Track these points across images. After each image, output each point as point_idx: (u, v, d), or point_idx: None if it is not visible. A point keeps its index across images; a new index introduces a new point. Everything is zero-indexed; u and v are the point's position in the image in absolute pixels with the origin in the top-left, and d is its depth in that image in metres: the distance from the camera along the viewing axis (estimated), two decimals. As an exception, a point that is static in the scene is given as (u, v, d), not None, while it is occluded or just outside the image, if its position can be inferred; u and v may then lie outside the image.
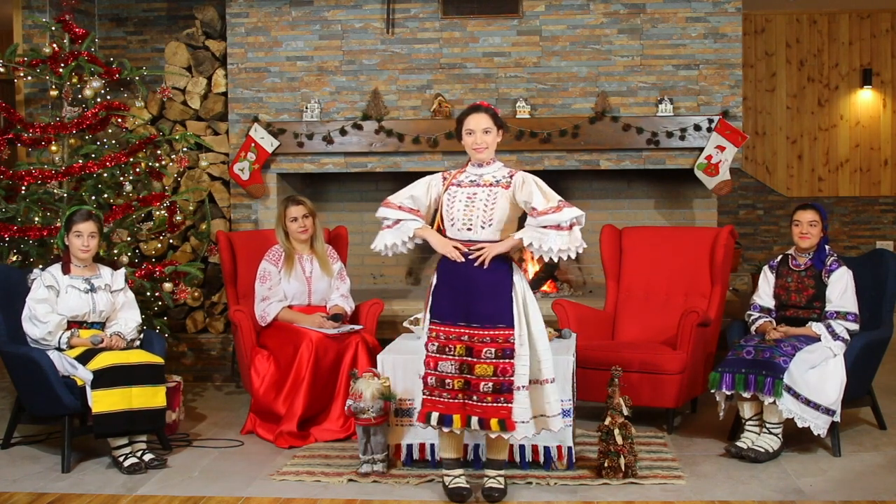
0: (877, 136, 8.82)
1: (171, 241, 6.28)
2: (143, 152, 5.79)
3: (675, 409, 4.93)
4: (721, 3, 6.03)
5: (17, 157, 6.16)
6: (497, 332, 3.80)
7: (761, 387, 4.36)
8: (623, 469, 4.08)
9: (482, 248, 3.84)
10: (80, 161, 5.46)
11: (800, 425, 4.38)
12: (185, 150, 6.14)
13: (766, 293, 4.82)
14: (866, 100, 8.80)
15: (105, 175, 5.53)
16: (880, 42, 8.77)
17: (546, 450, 4.26)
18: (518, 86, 6.16)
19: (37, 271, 4.73)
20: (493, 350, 3.78)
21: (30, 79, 6.02)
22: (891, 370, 5.98)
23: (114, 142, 5.78)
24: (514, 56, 6.16)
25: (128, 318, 4.73)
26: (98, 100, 5.66)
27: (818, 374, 4.42)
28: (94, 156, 5.52)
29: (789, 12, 8.78)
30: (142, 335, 4.78)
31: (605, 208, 6.58)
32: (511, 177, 3.92)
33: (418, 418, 3.87)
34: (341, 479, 4.19)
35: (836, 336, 4.51)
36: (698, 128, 5.99)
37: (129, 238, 5.58)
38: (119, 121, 5.85)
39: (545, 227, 3.78)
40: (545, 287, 6.40)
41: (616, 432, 4.08)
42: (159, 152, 5.99)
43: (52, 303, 4.56)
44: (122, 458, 4.36)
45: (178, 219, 5.88)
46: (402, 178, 4.13)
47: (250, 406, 5.04)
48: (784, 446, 4.44)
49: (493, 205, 3.86)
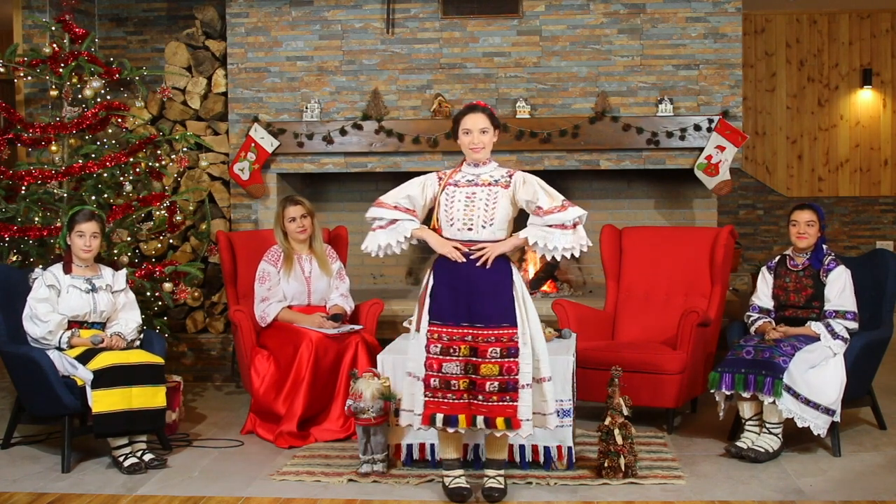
0: (877, 136, 8.82)
1: (171, 241, 6.28)
2: (143, 152, 5.79)
3: (675, 409, 4.93)
4: (721, 3, 6.03)
5: (17, 157, 6.16)
6: (502, 332, 3.80)
7: (761, 387, 4.36)
8: (623, 469, 4.08)
9: (484, 248, 3.84)
10: (80, 161, 5.46)
11: (800, 425, 4.38)
12: (185, 150, 6.14)
13: (764, 294, 4.82)
14: (866, 100, 8.80)
15: (105, 175, 5.53)
16: (880, 42, 8.77)
17: (546, 450, 4.26)
18: (518, 86, 6.16)
19: (38, 270, 4.73)
20: (498, 349, 3.79)
21: (30, 79, 6.02)
22: (891, 370, 5.98)
23: (114, 142, 5.78)
24: (514, 56, 6.16)
25: (128, 319, 4.73)
26: (98, 100, 5.66)
27: (818, 373, 4.42)
28: (94, 156, 5.52)
29: (789, 12, 8.77)
30: (142, 335, 4.78)
31: (605, 208, 6.57)
32: (510, 176, 3.93)
33: (422, 421, 3.83)
34: (341, 479, 4.19)
35: (835, 335, 4.51)
36: (698, 128, 5.99)
37: (129, 238, 5.58)
38: (119, 121, 5.84)
39: (550, 225, 3.80)
40: (545, 287, 6.39)
41: (616, 432, 4.08)
42: (159, 152, 5.99)
43: (53, 302, 4.56)
44: (122, 458, 4.36)
45: (178, 219, 5.88)
46: (402, 178, 4.12)
47: (250, 406, 5.04)
48: (784, 446, 4.44)
49: (495, 204, 3.86)
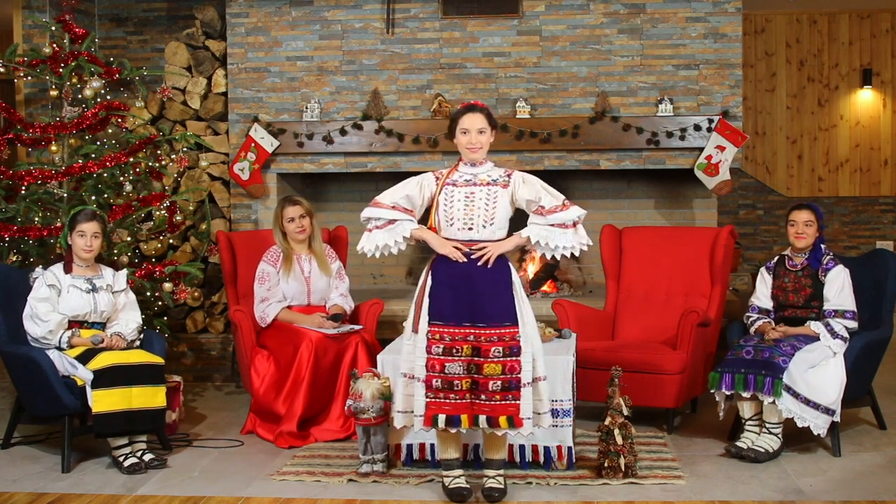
0: (877, 136, 8.82)
1: (171, 241, 6.28)
2: (143, 152, 5.79)
3: (675, 409, 4.93)
4: (721, 3, 6.03)
5: (17, 157, 6.16)
6: (504, 331, 3.81)
7: (761, 386, 4.36)
8: (623, 469, 4.08)
9: (485, 248, 3.85)
10: (80, 161, 5.46)
11: (799, 425, 4.38)
12: (185, 150, 6.14)
13: (763, 294, 4.82)
14: (866, 100, 8.80)
15: (105, 175, 5.53)
16: (880, 42, 8.77)
17: (546, 450, 4.26)
18: (518, 86, 6.15)
19: (39, 270, 4.72)
20: (501, 349, 3.79)
21: (30, 79, 6.02)
22: (891, 370, 5.98)
23: (114, 142, 5.78)
24: (514, 56, 6.16)
25: (128, 319, 4.73)
26: (98, 100, 5.66)
27: (818, 373, 4.41)
28: (94, 156, 5.52)
29: (789, 12, 8.77)
30: (142, 336, 4.78)
31: (605, 208, 6.58)
32: (509, 176, 3.94)
33: (424, 423, 3.81)
34: (341, 479, 4.19)
35: (835, 334, 4.51)
36: (698, 128, 5.99)
37: (129, 238, 5.58)
38: (119, 121, 5.84)
39: (552, 224, 3.82)
40: (545, 287, 6.39)
41: (616, 432, 4.08)
42: (159, 152, 5.99)
43: (54, 302, 4.56)
44: (122, 458, 4.36)
45: (178, 219, 5.88)
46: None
47: (250, 406, 5.04)
48: (784, 446, 4.44)
49: (495, 204, 3.87)
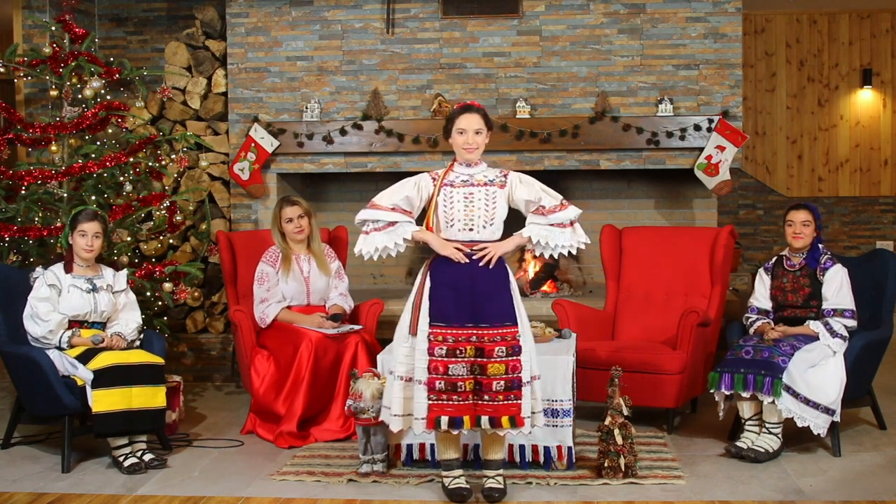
0: (877, 136, 8.82)
1: (171, 241, 6.28)
2: (143, 152, 5.79)
3: (675, 409, 4.93)
4: (721, 3, 6.03)
5: (17, 157, 6.16)
6: (505, 331, 3.82)
7: (760, 386, 4.36)
8: (623, 469, 4.08)
9: (486, 248, 3.85)
10: (80, 161, 5.46)
11: (799, 425, 4.38)
12: (185, 150, 6.14)
13: (762, 295, 4.82)
14: (866, 100, 8.80)
15: (105, 175, 5.53)
16: (880, 42, 8.77)
17: (546, 450, 4.26)
18: (518, 86, 6.15)
19: (39, 270, 4.72)
20: (503, 348, 3.80)
21: (30, 79, 6.02)
22: (891, 370, 5.98)
23: (114, 142, 5.78)
24: (514, 56, 6.16)
25: (129, 319, 4.73)
26: (98, 100, 5.66)
27: (817, 373, 4.41)
28: (94, 156, 5.51)
29: (789, 12, 8.77)
30: (142, 336, 4.78)
31: (605, 208, 6.58)
32: (505, 177, 3.96)
33: (427, 426, 3.78)
34: (341, 479, 4.19)
35: (834, 333, 4.51)
36: (698, 128, 5.99)
37: (129, 238, 5.58)
38: (119, 121, 5.84)
39: (552, 224, 3.85)
40: (545, 287, 6.39)
41: (616, 432, 4.08)
42: (159, 152, 5.99)
43: (54, 301, 4.56)
44: (122, 458, 4.36)
45: (178, 219, 5.88)
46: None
47: (250, 406, 5.04)
48: (784, 446, 4.44)
49: (494, 204, 3.88)
